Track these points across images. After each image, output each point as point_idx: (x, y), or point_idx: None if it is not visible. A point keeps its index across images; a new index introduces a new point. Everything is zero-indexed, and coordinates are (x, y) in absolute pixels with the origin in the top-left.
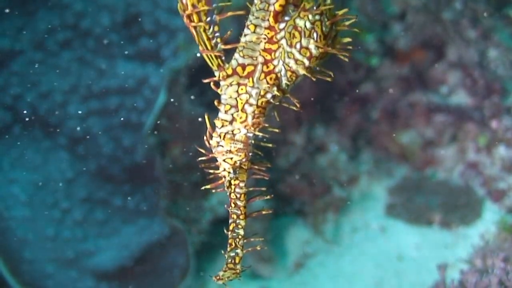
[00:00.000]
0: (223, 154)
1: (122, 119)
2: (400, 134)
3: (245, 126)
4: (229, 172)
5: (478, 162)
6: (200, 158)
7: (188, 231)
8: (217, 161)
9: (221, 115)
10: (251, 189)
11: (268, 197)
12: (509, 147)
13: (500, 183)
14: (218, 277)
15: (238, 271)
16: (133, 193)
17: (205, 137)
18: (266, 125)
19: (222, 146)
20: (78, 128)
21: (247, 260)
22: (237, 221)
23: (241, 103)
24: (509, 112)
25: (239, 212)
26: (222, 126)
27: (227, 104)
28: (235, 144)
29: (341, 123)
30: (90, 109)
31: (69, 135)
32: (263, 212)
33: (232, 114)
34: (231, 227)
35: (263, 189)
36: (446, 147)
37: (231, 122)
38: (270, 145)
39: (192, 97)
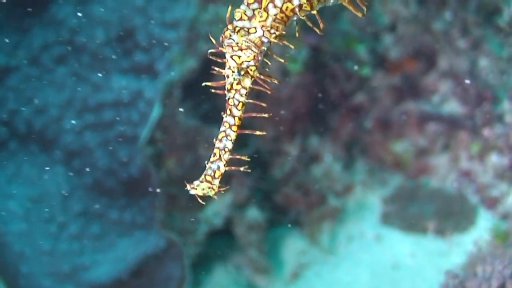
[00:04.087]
0: (233, 49)
1: (117, 132)
2: (393, 143)
3: (262, 27)
4: (233, 72)
5: (471, 170)
6: (210, 50)
7: (184, 243)
8: (225, 57)
9: (242, 6)
10: (250, 101)
11: (266, 115)
12: (501, 154)
13: (493, 191)
14: (192, 186)
15: (214, 187)
16: (128, 206)
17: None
18: (284, 33)
19: (233, 40)
20: (74, 142)
21: (243, 270)
22: (228, 131)
23: (266, 0)
24: (501, 120)
25: (233, 121)
26: (240, 19)
27: None
28: (247, 42)
29: (335, 133)
30: (86, 123)
31: (65, 149)
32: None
33: (253, 10)
34: (220, 136)
35: (265, 115)
36: (439, 155)
37: (250, 19)
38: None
39: (181, 109)
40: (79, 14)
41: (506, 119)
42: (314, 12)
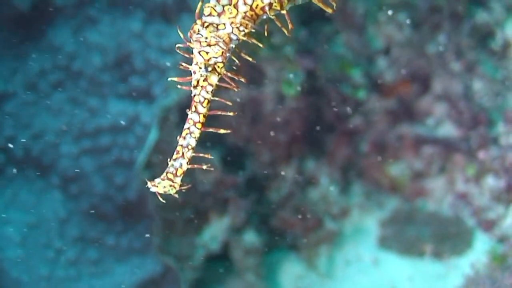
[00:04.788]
0: (201, 44)
1: (114, 157)
2: (389, 166)
3: (231, 23)
4: (200, 68)
5: (467, 192)
6: (177, 45)
7: (181, 268)
8: (192, 53)
9: (212, 2)
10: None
11: (232, 113)
12: (497, 177)
13: (489, 213)
14: (153, 184)
15: (176, 185)
16: (125, 231)
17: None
18: (253, 30)
19: (202, 36)
20: (71, 168)
21: None
22: (192, 129)
23: None
24: (496, 142)
25: (197, 118)
26: (210, 14)
27: None
28: (216, 38)
29: (331, 156)
30: (83, 148)
31: (62, 174)
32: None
33: (223, 6)
34: (183, 133)
35: (230, 113)
36: (435, 178)
37: (219, 15)
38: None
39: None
40: (76, 40)
41: (501, 141)
42: (284, 12)
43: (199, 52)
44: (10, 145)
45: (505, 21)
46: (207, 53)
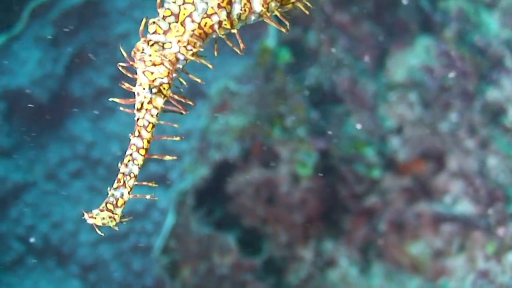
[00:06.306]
0: (145, 64)
1: (131, 243)
2: (409, 245)
3: (178, 42)
4: (144, 89)
5: (488, 270)
6: (119, 64)
7: None
8: (136, 73)
9: (157, 19)
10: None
11: (178, 138)
12: None
13: None
14: (91, 215)
15: (116, 216)
16: None
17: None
18: (202, 49)
19: (146, 54)
20: (89, 255)
21: None
22: (134, 155)
23: (183, 14)
24: None
25: (141, 144)
26: (155, 32)
27: (168, 9)
28: (161, 57)
29: (349, 236)
30: (100, 236)
31: (81, 263)
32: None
33: (169, 23)
34: (125, 160)
35: (176, 138)
36: (455, 256)
37: (165, 32)
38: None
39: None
40: (94, 129)
41: None
42: (234, 31)
43: (143, 72)
44: (32, 239)
45: None
46: (151, 73)
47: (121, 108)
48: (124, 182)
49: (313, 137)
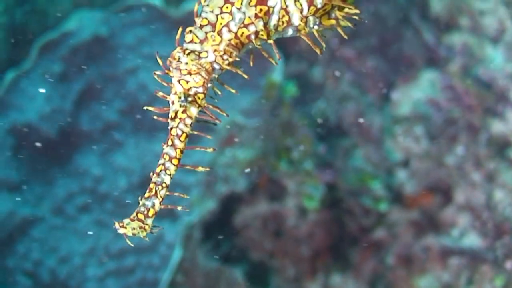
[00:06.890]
0: (181, 73)
1: (138, 277)
2: (417, 279)
3: (214, 51)
4: (179, 97)
5: None
6: (155, 72)
7: None
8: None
9: (194, 28)
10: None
11: (211, 149)
12: None
13: None
14: (121, 224)
15: (147, 227)
16: None
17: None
18: (238, 59)
19: (182, 63)
20: None
21: None
22: (167, 165)
23: (220, 23)
24: None
25: (173, 153)
26: (191, 41)
27: (205, 18)
28: (197, 66)
29: (357, 269)
30: (108, 270)
31: None
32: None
33: (206, 32)
34: (158, 170)
35: (210, 149)
36: None
37: (201, 42)
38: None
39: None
40: (102, 163)
41: None
42: (271, 41)
43: (178, 81)
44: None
45: None
46: (187, 82)
47: (155, 117)
48: (156, 192)
49: (320, 170)
